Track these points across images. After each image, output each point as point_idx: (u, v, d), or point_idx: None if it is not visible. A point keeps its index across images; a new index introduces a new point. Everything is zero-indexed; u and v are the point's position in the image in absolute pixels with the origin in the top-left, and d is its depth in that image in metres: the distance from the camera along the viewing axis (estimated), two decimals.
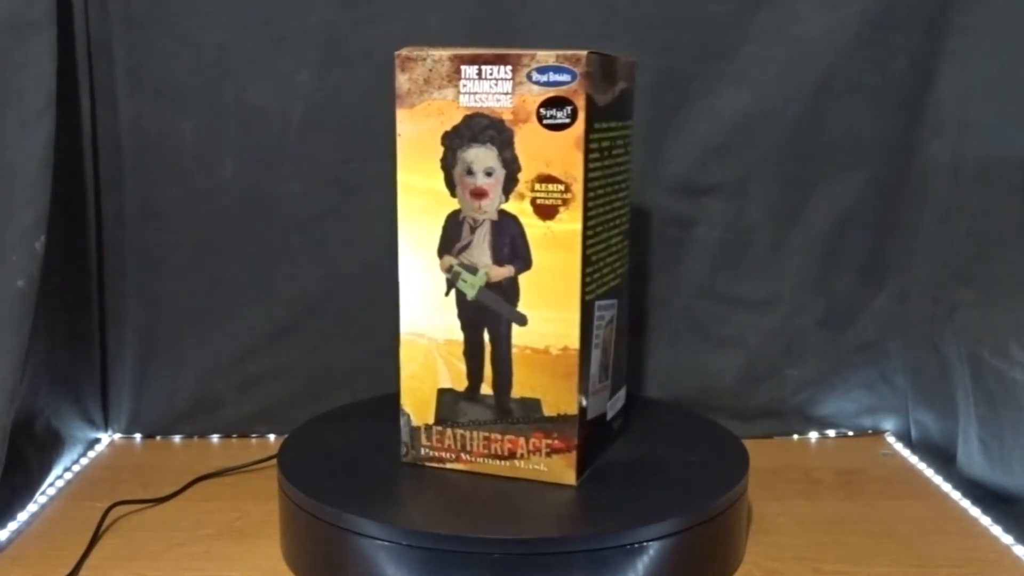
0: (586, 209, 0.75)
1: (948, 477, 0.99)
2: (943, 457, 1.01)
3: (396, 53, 0.77)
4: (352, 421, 0.94)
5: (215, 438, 1.08)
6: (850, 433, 1.11)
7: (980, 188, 0.98)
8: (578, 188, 0.74)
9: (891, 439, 1.09)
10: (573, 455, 0.78)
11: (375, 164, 1.01)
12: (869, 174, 1.04)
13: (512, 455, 0.80)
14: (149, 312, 1.05)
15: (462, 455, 0.81)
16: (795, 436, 1.10)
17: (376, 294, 1.04)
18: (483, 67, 0.75)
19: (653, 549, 0.73)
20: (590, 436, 0.81)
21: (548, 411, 0.78)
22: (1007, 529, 0.88)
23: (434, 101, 0.77)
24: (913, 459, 1.04)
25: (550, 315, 0.76)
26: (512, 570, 0.71)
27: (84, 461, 1.02)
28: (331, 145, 1.02)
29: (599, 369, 0.81)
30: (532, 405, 0.78)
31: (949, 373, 1.00)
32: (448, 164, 0.77)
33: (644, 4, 1.00)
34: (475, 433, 0.81)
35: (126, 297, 1.05)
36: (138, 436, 1.08)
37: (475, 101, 0.76)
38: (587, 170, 0.74)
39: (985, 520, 0.90)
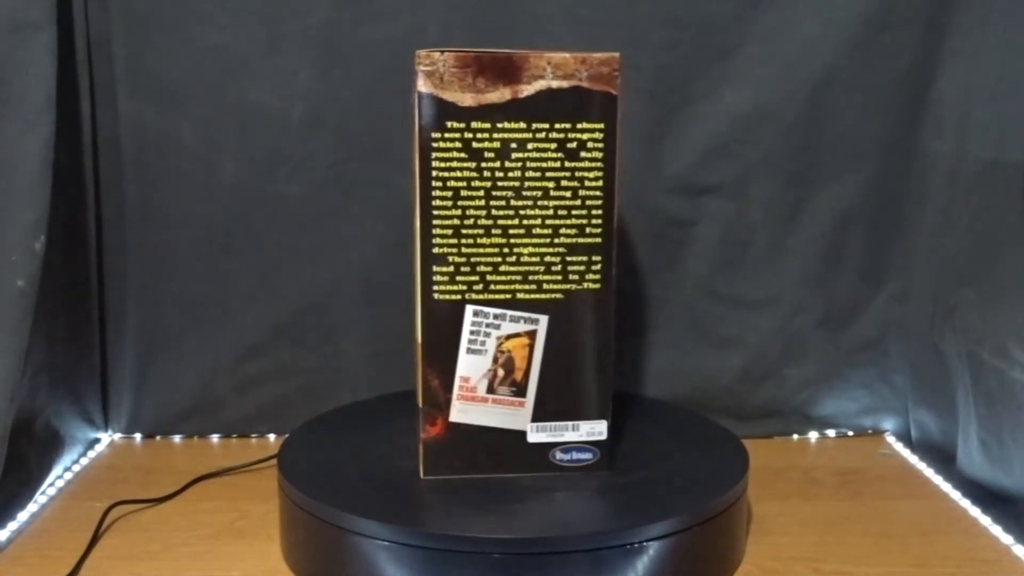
0: (427, 208, 0.76)
1: (948, 477, 0.99)
2: (943, 457, 1.01)
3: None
4: (352, 421, 0.94)
5: (215, 438, 1.08)
6: (850, 433, 1.11)
7: (980, 188, 0.98)
8: (415, 184, 0.76)
9: (891, 439, 1.09)
10: (419, 446, 0.79)
11: (375, 164, 1.01)
12: (869, 174, 1.04)
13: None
14: (149, 312, 1.05)
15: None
16: (795, 436, 1.10)
17: (376, 294, 1.04)
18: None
19: (653, 549, 0.73)
20: (463, 443, 0.79)
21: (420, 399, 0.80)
22: (1007, 529, 0.88)
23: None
24: (913, 459, 1.04)
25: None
26: (512, 570, 0.71)
27: (84, 461, 1.02)
28: (331, 145, 1.02)
29: (489, 382, 0.79)
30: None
31: (949, 373, 1.00)
32: None
33: (644, 4, 1.00)
34: None
35: (126, 297, 1.05)
36: (138, 436, 1.08)
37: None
38: (426, 168, 0.75)
39: (985, 520, 0.90)
